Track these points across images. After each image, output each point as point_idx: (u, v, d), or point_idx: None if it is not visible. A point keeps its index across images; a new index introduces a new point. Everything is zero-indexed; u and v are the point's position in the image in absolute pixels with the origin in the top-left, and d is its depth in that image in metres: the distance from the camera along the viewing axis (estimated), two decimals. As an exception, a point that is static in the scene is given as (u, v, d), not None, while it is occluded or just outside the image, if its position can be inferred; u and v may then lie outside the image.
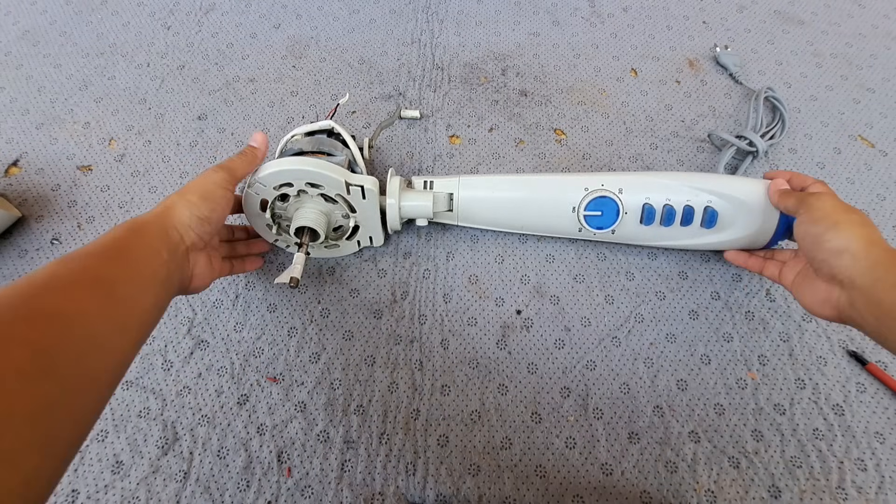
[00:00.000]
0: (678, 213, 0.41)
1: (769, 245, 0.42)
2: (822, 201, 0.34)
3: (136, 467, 0.38)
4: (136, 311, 0.28)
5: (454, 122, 0.54)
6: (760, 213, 0.40)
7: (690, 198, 0.40)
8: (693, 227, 0.41)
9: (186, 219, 0.33)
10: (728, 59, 0.57)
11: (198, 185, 0.34)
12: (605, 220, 0.42)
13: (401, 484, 0.37)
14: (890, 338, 0.30)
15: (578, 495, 0.37)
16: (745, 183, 0.41)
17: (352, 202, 0.40)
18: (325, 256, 0.46)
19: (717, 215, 0.40)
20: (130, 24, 0.61)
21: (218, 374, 0.41)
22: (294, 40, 0.60)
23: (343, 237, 0.44)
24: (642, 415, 0.40)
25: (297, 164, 0.38)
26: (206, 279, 0.36)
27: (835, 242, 0.32)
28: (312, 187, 0.39)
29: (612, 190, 0.41)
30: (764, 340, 0.42)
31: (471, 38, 0.60)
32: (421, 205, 0.42)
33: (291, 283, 0.37)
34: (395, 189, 0.42)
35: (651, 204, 0.41)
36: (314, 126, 0.43)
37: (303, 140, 0.42)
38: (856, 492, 0.37)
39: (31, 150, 0.52)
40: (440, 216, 0.45)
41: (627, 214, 0.41)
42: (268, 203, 0.40)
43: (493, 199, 0.44)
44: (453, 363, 0.42)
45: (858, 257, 0.31)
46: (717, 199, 0.40)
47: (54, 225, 0.47)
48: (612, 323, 0.43)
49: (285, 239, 0.44)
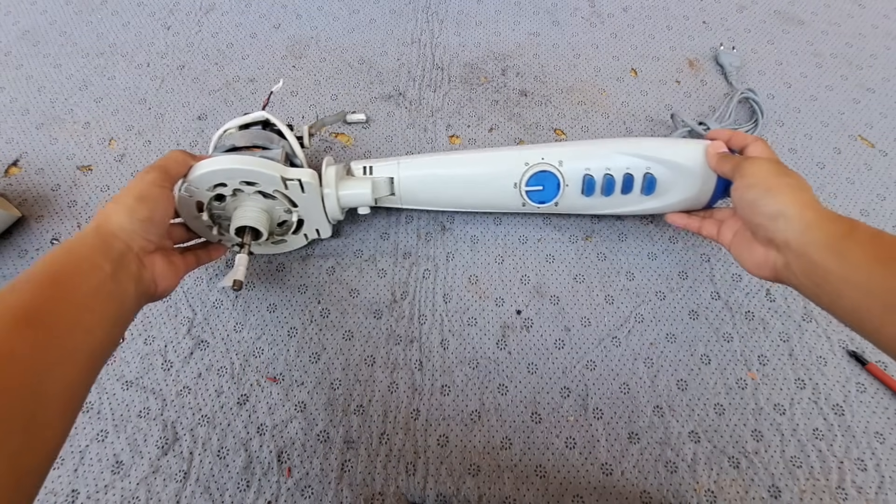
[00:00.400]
0: (618, 182, 0.41)
1: (709, 205, 0.42)
2: (756, 166, 0.34)
3: (136, 467, 0.38)
4: (79, 335, 0.26)
5: (454, 122, 0.54)
6: (699, 175, 0.40)
7: (629, 165, 0.41)
8: (634, 195, 0.42)
9: (127, 224, 0.31)
10: (726, 59, 0.57)
11: (131, 189, 0.33)
12: (546, 195, 0.42)
13: (401, 484, 0.37)
14: (824, 298, 0.30)
15: (578, 495, 0.37)
16: (682, 146, 0.41)
17: (291, 197, 0.39)
18: (272, 253, 0.45)
19: (657, 181, 0.41)
20: (130, 24, 0.61)
21: (218, 374, 0.41)
22: (294, 40, 0.60)
23: (289, 232, 0.43)
24: (642, 415, 0.40)
25: (229, 164, 0.36)
26: (171, 279, 0.35)
27: (770, 207, 0.32)
28: (248, 185, 0.37)
29: (552, 163, 0.41)
30: (764, 340, 0.42)
31: (471, 38, 0.60)
32: (360, 192, 0.41)
33: (234, 286, 0.36)
34: (331, 179, 0.40)
35: (591, 175, 0.41)
36: (247, 118, 0.41)
37: (236, 134, 0.40)
38: (856, 492, 0.37)
39: (31, 150, 0.52)
40: (383, 201, 0.44)
41: (569, 187, 0.41)
42: (204, 204, 0.38)
43: (434, 178, 0.43)
44: (453, 363, 0.42)
45: (792, 221, 0.31)
46: (655, 164, 0.40)
47: (54, 225, 0.47)
48: (612, 323, 0.43)
49: (229, 238, 0.41)
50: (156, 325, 0.43)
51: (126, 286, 0.30)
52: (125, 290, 0.30)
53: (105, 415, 0.39)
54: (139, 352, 0.42)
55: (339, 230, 0.48)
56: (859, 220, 0.30)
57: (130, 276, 0.31)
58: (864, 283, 0.27)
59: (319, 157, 0.52)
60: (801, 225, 0.31)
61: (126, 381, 0.41)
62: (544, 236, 0.47)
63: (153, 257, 0.34)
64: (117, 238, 0.31)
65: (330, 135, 0.53)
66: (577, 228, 0.48)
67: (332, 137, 0.53)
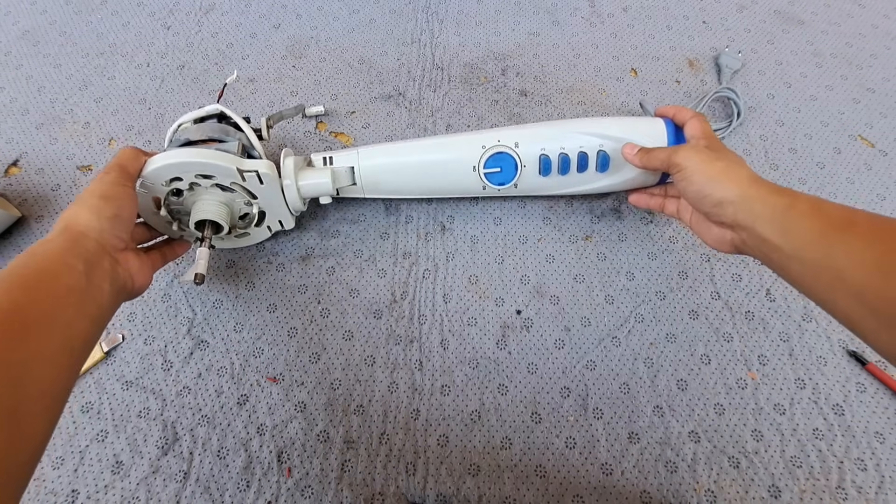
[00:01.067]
0: (573, 160, 0.42)
1: (662, 181, 0.43)
2: (687, 158, 0.35)
3: (136, 467, 0.38)
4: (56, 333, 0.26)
5: (454, 121, 0.54)
6: None
7: (583, 144, 0.42)
8: (589, 173, 0.43)
9: (96, 223, 0.31)
10: (724, 60, 0.57)
11: (94, 189, 0.33)
12: (505, 176, 0.43)
13: (401, 484, 0.37)
14: (779, 271, 0.31)
15: (578, 495, 0.37)
16: (631, 122, 0.42)
17: (250, 189, 0.39)
18: (237, 246, 0.45)
19: (610, 158, 0.42)
20: (130, 24, 0.61)
21: (218, 374, 0.41)
22: (294, 40, 0.60)
23: (251, 224, 0.43)
24: (642, 415, 0.40)
25: (182, 157, 0.36)
26: (146, 275, 0.35)
27: (712, 197, 0.33)
28: (205, 178, 0.37)
29: (508, 145, 0.42)
30: (764, 340, 0.42)
31: (471, 38, 0.60)
32: (320, 182, 0.41)
33: (196, 280, 0.36)
34: (290, 170, 0.40)
35: (547, 154, 0.42)
36: (202, 112, 0.41)
37: (191, 128, 0.40)
38: (856, 492, 0.37)
39: (31, 150, 0.52)
40: (345, 191, 0.44)
41: (526, 167, 0.42)
42: (161, 200, 0.38)
43: (394, 166, 0.43)
44: (453, 363, 0.42)
45: (737, 203, 0.32)
46: (607, 141, 0.41)
47: (54, 225, 0.47)
48: (612, 323, 0.43)
49: (190, 234, 0.41)
50: (156, 325, 0.43)
51: (100, 284, 0.30)
52: (99, 287, 0.30)
53: (105, 415, 0.39)
54: (139, 352, 0.42)
55: (339, 231, 0.48)
56: (800, 192, 0.31)
57: (105, 274, 0.31)
58: (809, 259, 0.28)
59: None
60: (745, 205, 0.31)
61: (126, 381, 0.41)
62: (544, 236, 0.47)
63: (126, 255, 0.34)
64: (87, 237, 0.31)
65: (330, 134, 0.53)
66: (577, 228, 0.48)
67: (331, 137, 0.53)
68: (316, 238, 0.47)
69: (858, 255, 0.26)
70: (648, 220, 0.48)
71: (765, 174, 0.51)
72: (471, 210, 0.49)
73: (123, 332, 0.43)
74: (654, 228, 0.48)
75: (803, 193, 0.30)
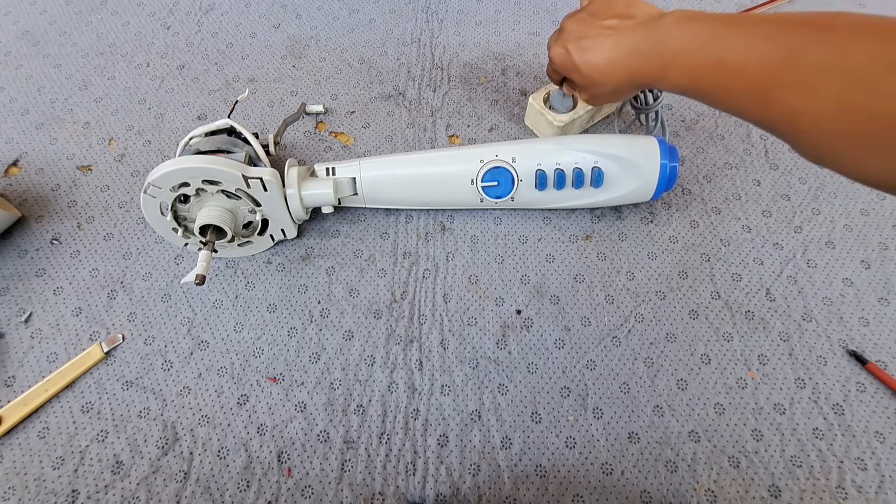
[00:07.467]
0: (569, 175, 0.43)
1: (655, 196, 0.45)
2: (568, 22, 0.39)
3: (136, 467, 0.38)
4: None
5: (454, 121, 0.54)
6: (643, 167, 0.43)
7: (578, 160, 0.43)
8: (584, 188, 0.44)
9: None
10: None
11: None
12: (502, 190, 0.44)
13: (401, 484, 0.37)
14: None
15: (578, 495, 0.37)
16: (626, 140, 0.44)
17: (254, 196, 0.40)
18: (240, 255, 0.46)
19: (604, 174, 0.43)
20: (130, 24, 0.61)
21: (218, 374, 0.41)
22: (294, 40, 0.60)
23: (254, 233, 0.44)
24: (642, 414, 0.40)
25: (190, 162, 0.37)
26: None
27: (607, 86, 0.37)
28: (211, 185, 0.38)
29: (505, 160, 0.43)
30: (764, 340, 0.42)
31: (471, 38, 0.60)
32: (323, 192, 0.43)
33: (197, 281, 0.37)
34: (293, 179, 0.42)
35: (543, 169, 0.43)
36: (213, 126, 0.43)
37: (202, 140, 0.42)
38: (856, 491, 0.37)
39: (31, 150, 0.52)
40: (346, 200, 0.45)
41: (522, 182, 0.43)
42: (168, 206, 0.39)
43: (395, 178, 0.45)
44: (453, 363, 0.42)
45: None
46: (602, 159, 0.43)
47: (54, 225, 0.48)
48: (612, 323, 0.43)
49: (194, 242, 0.43)
50: (156, 325, 0.43)
51: None
52: None
53: (105, 415, 0.39)
54: (139, 352, 0.42)
55: (339, 230, 0.48)
56: None
57: None
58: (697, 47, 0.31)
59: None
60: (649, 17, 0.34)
61: (126, 381, 0.41)
62: (544, 236, 0.47)
63: None
64: None
65: (330, 134, 0.53)
66: (577, 228, 0.48)
67: (331, 137, 0.53)
68: (316, 238, 0.47)
69: None
70: (648, 220, 0.48)
71: (765, 174, 0.51)
72: (471, 210, 0.49)
73: (123, 332, 0.43)
74: (654, 228, 0.48)
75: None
